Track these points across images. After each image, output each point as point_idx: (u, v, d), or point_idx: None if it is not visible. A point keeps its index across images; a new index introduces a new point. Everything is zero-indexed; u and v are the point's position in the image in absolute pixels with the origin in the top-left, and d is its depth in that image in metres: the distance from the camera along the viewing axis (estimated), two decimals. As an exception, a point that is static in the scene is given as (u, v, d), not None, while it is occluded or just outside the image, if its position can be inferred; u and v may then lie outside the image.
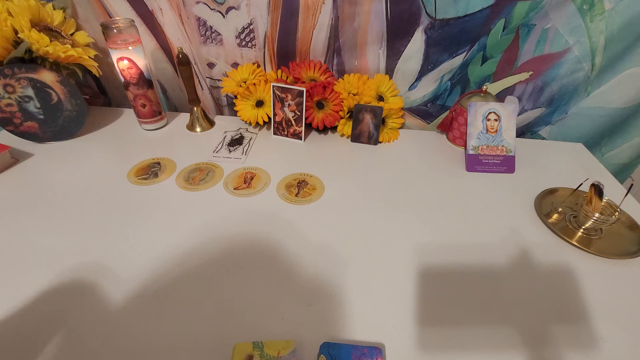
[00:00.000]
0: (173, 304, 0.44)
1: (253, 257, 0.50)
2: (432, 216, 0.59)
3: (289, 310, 0.44)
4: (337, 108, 0.76)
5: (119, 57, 0.69)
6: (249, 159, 0.72)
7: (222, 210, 0.59)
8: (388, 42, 0.72)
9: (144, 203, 0.60)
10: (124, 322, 0.42)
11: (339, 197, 0.62)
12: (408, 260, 0.51)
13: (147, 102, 0.76)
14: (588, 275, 0.49)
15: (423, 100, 0.81)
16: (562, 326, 0.43)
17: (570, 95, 0.76)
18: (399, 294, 0.46)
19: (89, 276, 0.47)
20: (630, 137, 0.79)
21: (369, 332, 0.41)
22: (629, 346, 0.41)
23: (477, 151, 0.71)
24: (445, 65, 0.73)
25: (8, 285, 0.46)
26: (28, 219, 0.56)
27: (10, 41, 0.65)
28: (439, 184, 0.67)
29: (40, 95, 0.69)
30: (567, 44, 0.69)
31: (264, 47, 0.76)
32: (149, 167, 0.68)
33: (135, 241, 0.52)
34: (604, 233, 0.56)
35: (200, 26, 0.74)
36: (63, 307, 0.43)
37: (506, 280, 0.49)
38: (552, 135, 0.83)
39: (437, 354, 0.40)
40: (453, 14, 0.66)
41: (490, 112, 0.71)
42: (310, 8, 0.69)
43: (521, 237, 0.56)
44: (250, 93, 0.77)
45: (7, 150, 0.66)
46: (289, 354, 0.38)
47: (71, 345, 0.40)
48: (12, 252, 0.50)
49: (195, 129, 0.81)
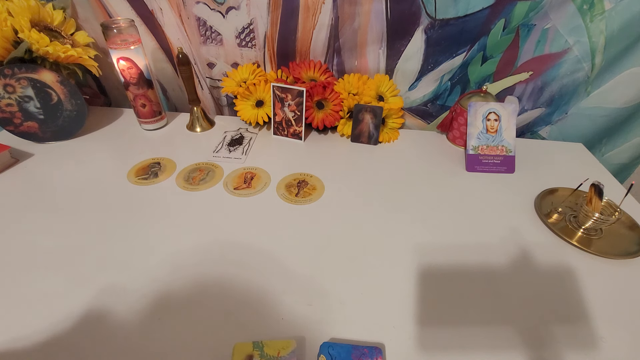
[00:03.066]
0: (173, 304, 0.44)
1: (253, 257, 0.50)
2: (432, 216, 0.59)
3: (289, 310, 0.44)
4: (337, 108, 0.76)
5: (119, 57, 0.69)
6: (249, 159, 0.72)
7: (222, 210, 0.59)
8: (388, 42, 0.72)
9: (144, 203, 0.60)
10: (124, 322, 0.42)
11: (339, 197, 0.62)
12: (408, 260, 0.51)
13: (147, 102, 0.76)
14: (588, 275, 0.49)
15: (423, 100, 0.81)
16: (562, 326, 0.43)
17: (570, 95, 0.76)
18: (399, 294, 0.46)
19: (88, 276, 0.47)
20: (630, 137, 0.79)
21: (369, 332, 0.41)
22: (629, 346, 0.41)
23: (477, 151, 0.71)
24: (445, 65, 0.73)
25: (7, 286, 0.46)
26: (28, 219, 0.56)
27: (10, 41, 0.65)
28: (439, 184, 0.67)
29: (40, 95, 0.69)
30: (567, 44, 0.69)
31: (264, 47, 0.76)
32: (149, 167, 0.68)
33: (135, 241, 0.52)
34: (604, 233, 0.56)
35: (200, 26, 0.74)
36: (62, 307, 0.43)
37: (506, 280, 0.49)
38: (552, 135, 0.83)
39: (437, 354, 0.40)
40: (453, 14, 0.66)
41: (490, 112, 0.71)
42: (310, 8, 0.69)
43: (521, 237, 0.56)
44: (250, 93, 0.77)
45: (7, 150, 0.66)
46: (289, 354, 0.38)
47: (71, 345, 0.40)
48: (12, 252, 0.50)
49: (195, 129, 0.81)
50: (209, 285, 0.46)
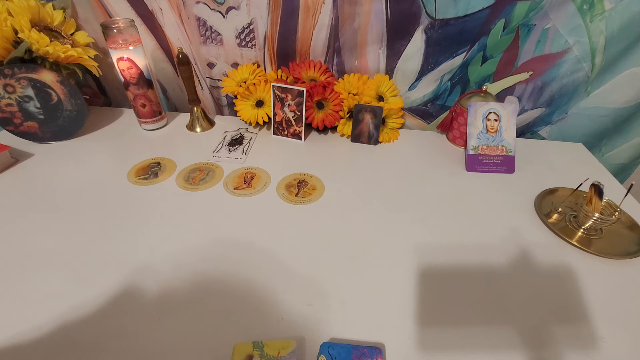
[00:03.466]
0: (173, 304, 0.44)
1: (253, 257, 0.50)
2: (432, 216, 0.59)
3: (289, 310, 0.44)
4: (337, 108, 0.76)
5: (119, 57, 0.69)
6: (249, 159, 0.72)
7: (222, 210, 0.59)
8: (388, 42, 0.72)
9: (144, 203, 0.60)
10: (124, 322, 0.42)
11: (339, 197, 0.62)
12: (408, 260, 0.51)
13: (147, 102, 0.76)
14: (588, 275, 0.49)
15: (423, 100, 0.81)
16: (562, 326, 0.43)
17: (570, 95, 0.76)
18: (399, 294, 0.46)
19: (88, 276, 0.47)
20: (630, 137, 0.79)
21: (369, 332, 0.41)
22: (629, 346, 0.41)
23: (477, 151, 0.71)
24: (445, 65, 0.73)
25: (7, 286, 0.46)
26: (28, 218, 0.56)
27: (10, 41, 0.65)
28: (439, 184, 0.67)
29: (40, 95, 0.69)
30: (567, 44, 0.69)
31: (264, 47, 0.76)
32: (149, 167, 0.68)
33: (135, 241, 0.52)
34: (604, 233, 0.56)
35: (200, 26, 0.74)
36: (62, 307, 0.43)
37: (506, 280, 0.49)
38: (552, 135, 0.83)
39: (437, 354, 0.40)
40: (453, 14, 0.66)
41: (490, 112, 0.71)
42: (310, 8, 0.69)
43: (521, 237, 0.56)
44: (250, 93, 0.77)
45: (7, 150, 0.66)
46: (289, 354, 0.38)
47: (71, 345, 0.40)
48: (12, 252, 0.50)
49: (195, 129, 0.81)
50: (209, 285, 0.46)
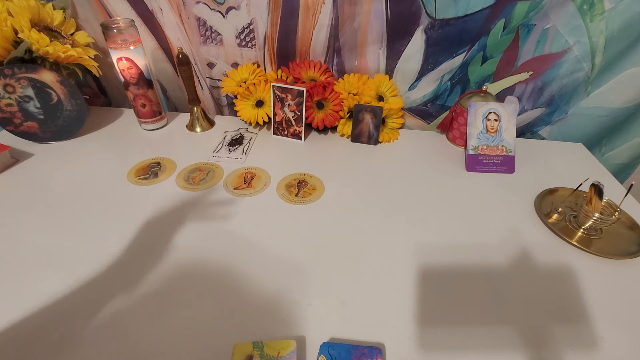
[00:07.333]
0: (173, 304, 0.44)
1: (253, 257, 0.50)
2: (432, 216, 0.59)
3: (289, 310, 0.44)
4: (337, 108, 0.76)
5: (119, 57, 0.69)
6: (249, 159, 0.72)
7: (221, 210, 0.59)
8: (388, 42, 0.72)
9: (144, 203, 0.60)
10: (125, 322, 0.42)
11: (339, 197, 0.62)
12: (408, 260, 0.51)
13: (147, 102, 0.76)
14: (588, 275, 0.49)
15: (423, 100, 0.81)
16: (562, 326, 0.43)
17: (570, 95, 0.76)
18: (399, 294, 0.46)
19: (88, 276, 0.47)
20: (630, 137, 0.79)
21: (369, 332, 0.41)
22: (629, 346, 0.41)
23: (477, 151, 0.71)
24: (445, 65, 0.73)
25: (7, 286, 0.46)
26: (28, 219, 0.56)
27: (10, 41, 0.65)
28: (439, 184, 0.67)
29: (40, 95, 0.69)
30: (567, 44, 0.69)
31: (264, 47, 0.76)
32: (149, 167, 0.68)
33: (135, 241, 0.52)
34: (604, 233, 0.56)
35: (200, 26, 0.74)
36: (62, 307, 0.43)
37: (506, 280, 0.49)
38: (552, 135, 0.83)
39: (437, 354, 0.40)
40: (453, 14, 0.66)
41: (490, 112, 0.71)
42: (310, 8, 0.69)
43: (521, 237, 0.56)
44: (250, 93, 0.77)
45: (7, 150, 0.66)
46: (289, 354, 0.38)
47: (71, 346, 0.40)
48: (12, 252, 0.50)
49: (195, 129, 0.81)
50: (209, 285, 0.46)
